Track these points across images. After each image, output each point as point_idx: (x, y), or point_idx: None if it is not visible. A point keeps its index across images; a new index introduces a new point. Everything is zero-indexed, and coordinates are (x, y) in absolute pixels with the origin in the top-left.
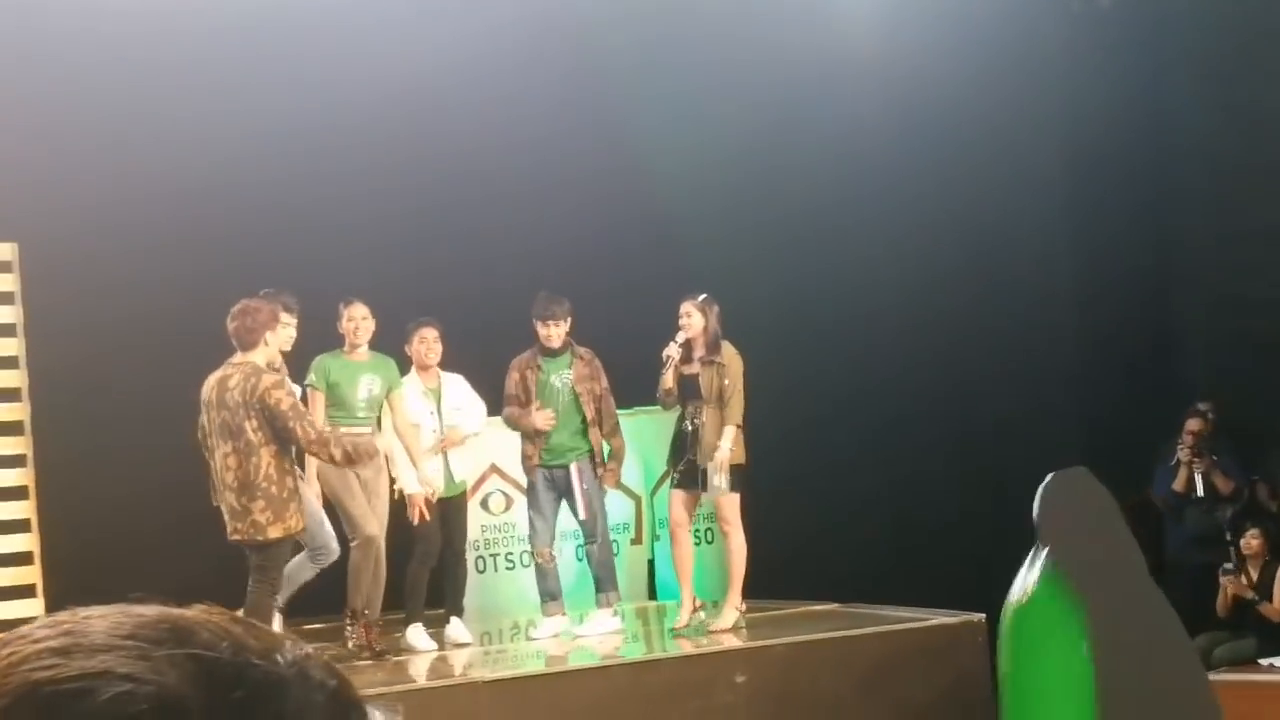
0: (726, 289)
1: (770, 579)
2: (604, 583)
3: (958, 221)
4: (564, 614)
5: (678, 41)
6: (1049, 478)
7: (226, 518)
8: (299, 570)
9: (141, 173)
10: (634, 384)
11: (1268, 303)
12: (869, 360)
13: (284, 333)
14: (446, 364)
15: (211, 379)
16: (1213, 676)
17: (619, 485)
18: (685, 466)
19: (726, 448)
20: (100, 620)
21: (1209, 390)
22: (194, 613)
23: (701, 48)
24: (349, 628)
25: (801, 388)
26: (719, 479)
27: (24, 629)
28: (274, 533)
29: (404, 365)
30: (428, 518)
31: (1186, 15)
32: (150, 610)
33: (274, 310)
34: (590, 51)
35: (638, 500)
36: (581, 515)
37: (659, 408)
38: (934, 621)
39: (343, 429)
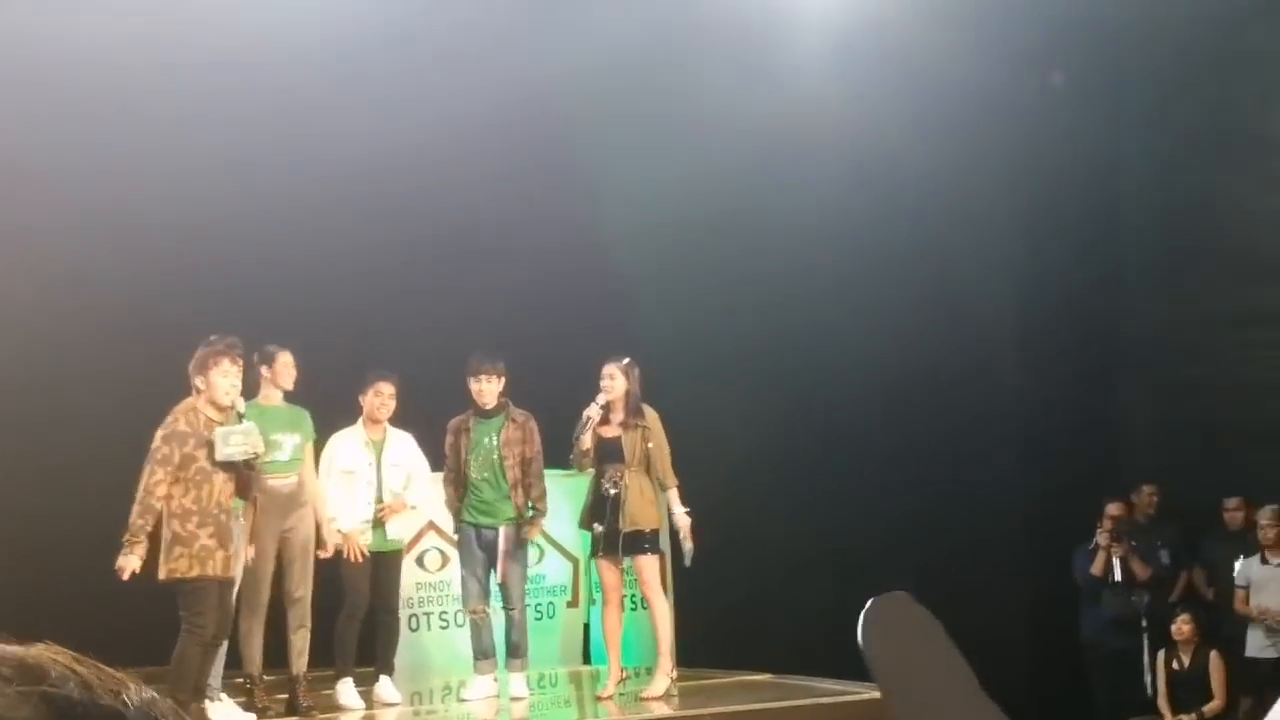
0: (656, 349)
1: (702, 647)
2: (519, 649)
3: (905, 289)
4: (495, 674)
5: (634, 103)
6: (869, 605)
7: None
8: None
9: (85, 203)
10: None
11: (1212, 388)
12: (809, 425)
13: (222, 380)
14: (401, 419)
15: None
16: None
17: (539, 536)
18: (607, 531)
19: (681, 511)
20: None
21: (1152, 473)
22: (40, 651)
23: (659, 110)
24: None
25: (735, 453)
26: (687, 544)
27: None
28: (161, 574)
29: (355, 414)
30: (358, 560)
31: (1143, 101)
32: (15, 650)
33: (207, 355)
34: (549, 113)
35: (575, 562)
36: (499, 579)
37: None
38: (864, 695)
39: (266, 477)
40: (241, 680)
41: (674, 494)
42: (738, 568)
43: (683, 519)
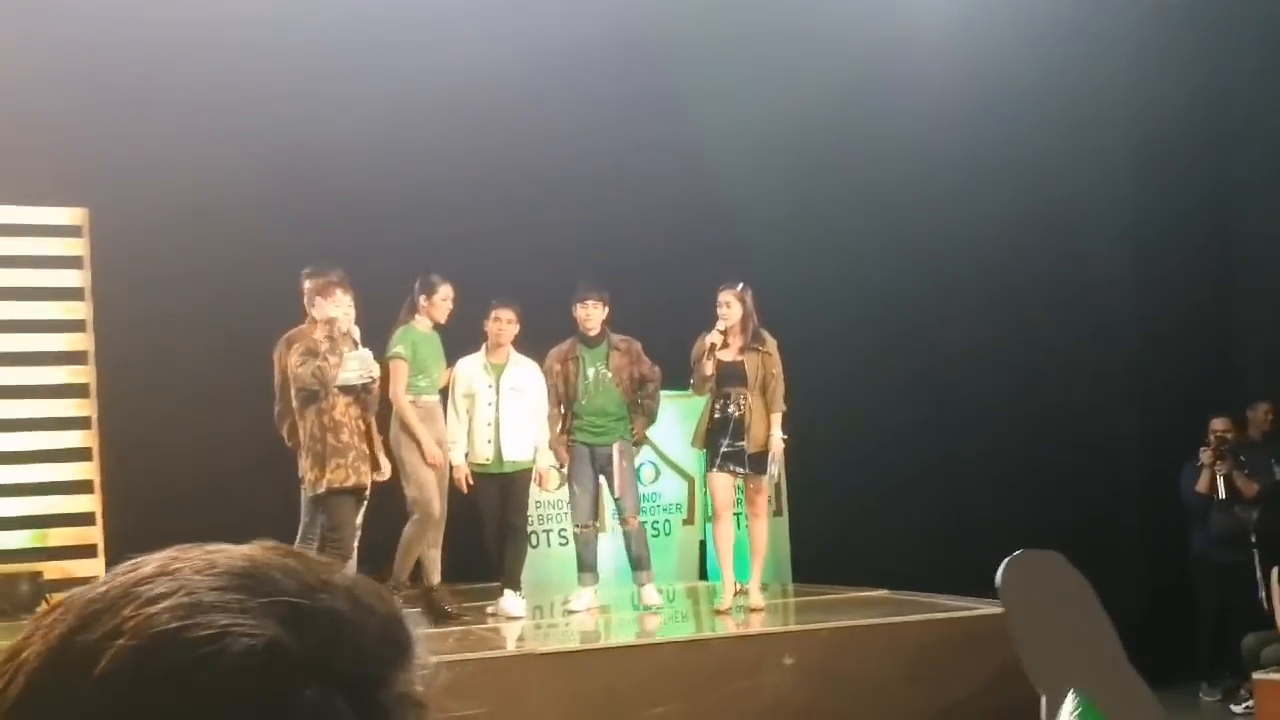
0: (777, 273)
1: (819, 564)
2: (641, 560)
3: (1019, 213)
4: (596, 586)
5: (740, 23)
6: (1014, 558)
7: None
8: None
9: (214, 143)
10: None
11: None
12: (924, 346)
13: (335, 310)
14: (520, 347)
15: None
16: (1259, 676)
17: (645, 440)
18: (731, 450)
19: (779, 436)
20: (193, 575)
21: (1269, 392)
22: (261, 553)
23: (765, 30)
24: (433, 596)
25: (856, 373)
26: (774, 467)
27: (136, 578)
28: (319, 487)
29: (479, 341)
30: (464, 489)
31: (1257, 8)
32: (225, 559)
33: (321, 286)
34: (651, 37)
35: (690, 481)
36: (617, 493)
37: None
38: (981, 611)
39: (425, 398)
40: (425, 590)
41: (779, 418)
42: (853, 484)
43: (779, 443)
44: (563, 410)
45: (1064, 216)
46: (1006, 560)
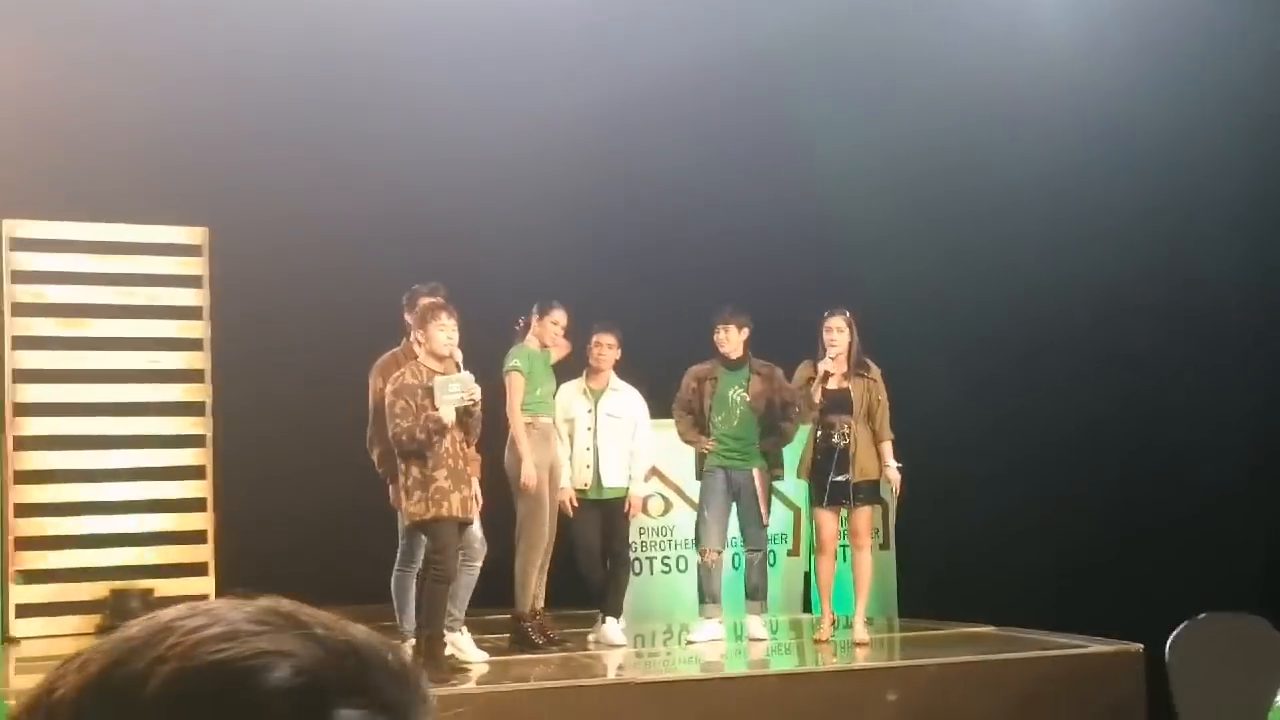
0: (885, 298)
1: (925, 598)
2: (759, 590)
3: (1137, 234)
4: (720, 618)
5: (858, 46)
6: (1195, 621)
7: None
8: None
9: (333, 164)
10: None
11: None
12: (1036, 375)
13: (440, 333)
14: (626, 369)
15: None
16: None
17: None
18: (838, 483)
19: (894, 465)
20: (230, 611)
21: None
22: (279, 601)
23: (876, 57)
24: (524, 625)
25: (963, 401)
26: (892, 497)
27: (168, 619)
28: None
29: (582, 366)
30: (569, 513)
31: None
32: (248, 603)
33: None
34: (773, 65)
35: (796, 511)
36: (764, 521)
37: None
38: (1090, 649)
39: (541, 418)
40: (510, 617)
41: (889, 446)
42: (960, 518)
43: (894, 473)
44: (692, 422)
45: (1182, 241)
46: (1185, 624)
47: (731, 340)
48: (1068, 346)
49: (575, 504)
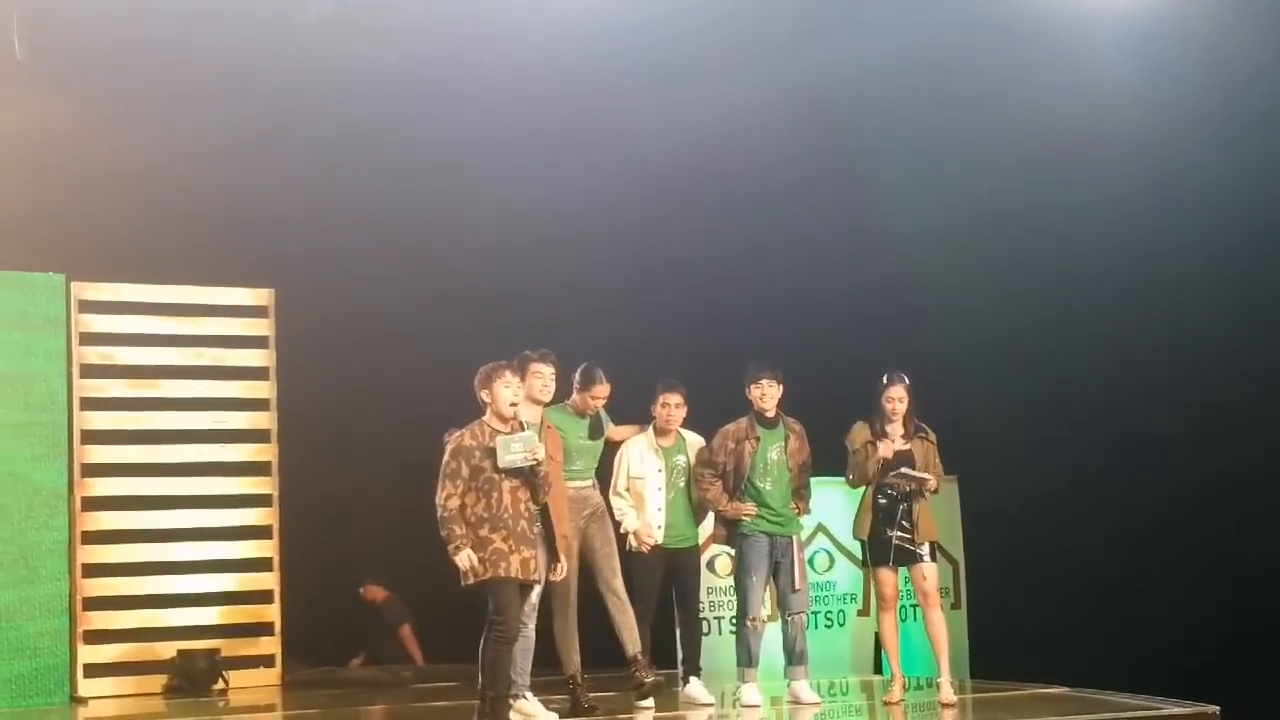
0: (953, 350)
1: (999, 659)
2: (803, 655)
3: (1210, 281)
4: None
5: (918, 103)
6: None
7: None
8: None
9: (398, 227)
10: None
11: None
12: (1110, 435)
13: (505, 391)
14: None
15: None
16: None
17: (829, 544)
18: (902, 543)
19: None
20: None
21: None
22: None
23: (947, 112)
24: (573, 688)
25: (1039, 462)
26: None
27: None
28: (462, 580)
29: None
30: (648, 545)
31: None
32: None
33: (490, 370)
34: (830, 116)
35: (865, 570)
36: (798, 585)
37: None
38: (1166, 711)
39: (575, 482)
40: (564, 680)
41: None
42: (1032, 578)
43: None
44: (729, 486)
45: (1256, 296)
46: None
47: (769, 396)
48: (1142, 410)
49: (650, 540)
